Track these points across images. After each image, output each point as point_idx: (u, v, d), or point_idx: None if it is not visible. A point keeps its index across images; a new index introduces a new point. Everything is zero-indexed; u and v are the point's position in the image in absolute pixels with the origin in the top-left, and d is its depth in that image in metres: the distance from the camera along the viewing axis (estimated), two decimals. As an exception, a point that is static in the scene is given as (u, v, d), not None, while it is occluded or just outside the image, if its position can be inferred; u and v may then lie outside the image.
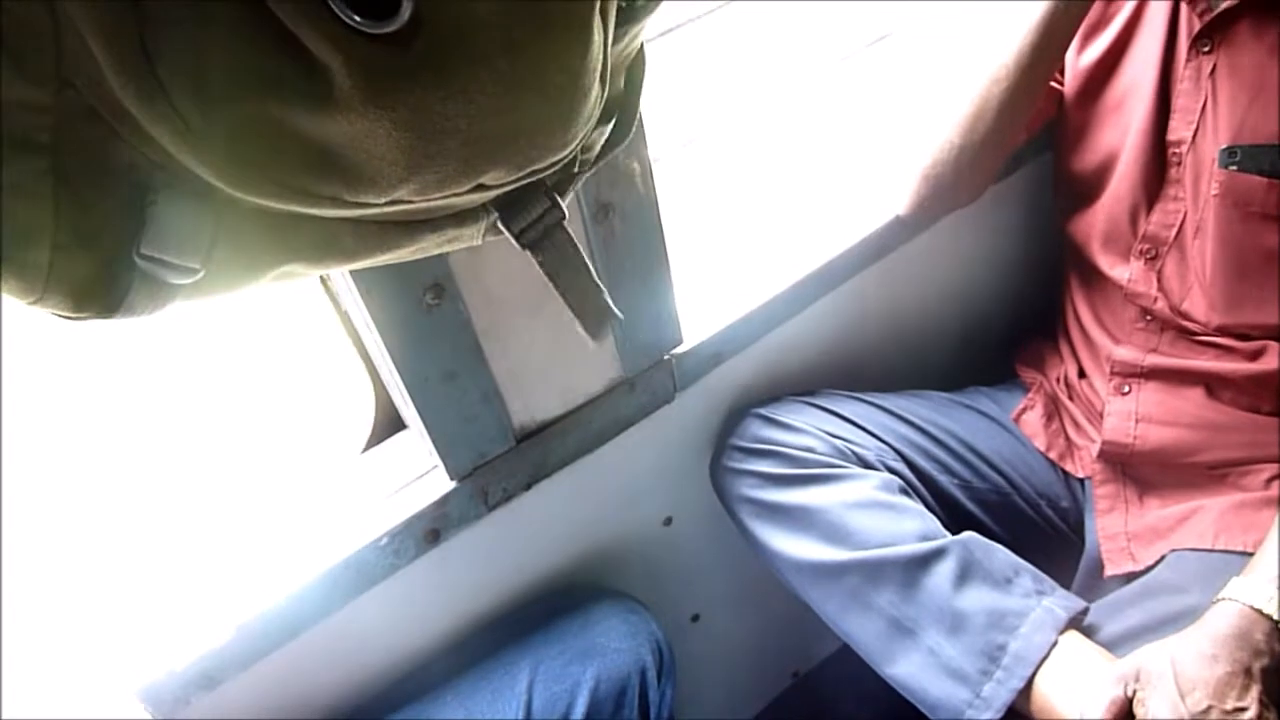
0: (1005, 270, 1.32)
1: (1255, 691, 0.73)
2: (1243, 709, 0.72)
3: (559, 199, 0.54)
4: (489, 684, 0.94)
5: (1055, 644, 0.83)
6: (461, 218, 0.50)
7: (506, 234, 0.52)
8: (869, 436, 1.04)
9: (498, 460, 0.89)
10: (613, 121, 0.54)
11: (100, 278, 0.40)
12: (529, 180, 0.47)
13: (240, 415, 0.92)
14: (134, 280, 0.41)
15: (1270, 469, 0.96)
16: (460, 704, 0.92)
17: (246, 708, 0.86)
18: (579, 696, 0.93)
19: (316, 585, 0.83)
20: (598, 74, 0.45)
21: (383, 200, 0.41)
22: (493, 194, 0.47)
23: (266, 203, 0.40)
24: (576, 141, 0.46)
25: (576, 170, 0.54)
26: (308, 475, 0.92)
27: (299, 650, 0.85)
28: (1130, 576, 0.98)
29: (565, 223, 0.54)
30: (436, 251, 0.52)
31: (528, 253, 0.54)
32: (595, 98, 0.46)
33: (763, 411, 1.05)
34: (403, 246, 0.49)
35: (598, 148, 0.55)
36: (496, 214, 0.51)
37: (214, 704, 0.81)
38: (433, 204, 0.44)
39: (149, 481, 0.88)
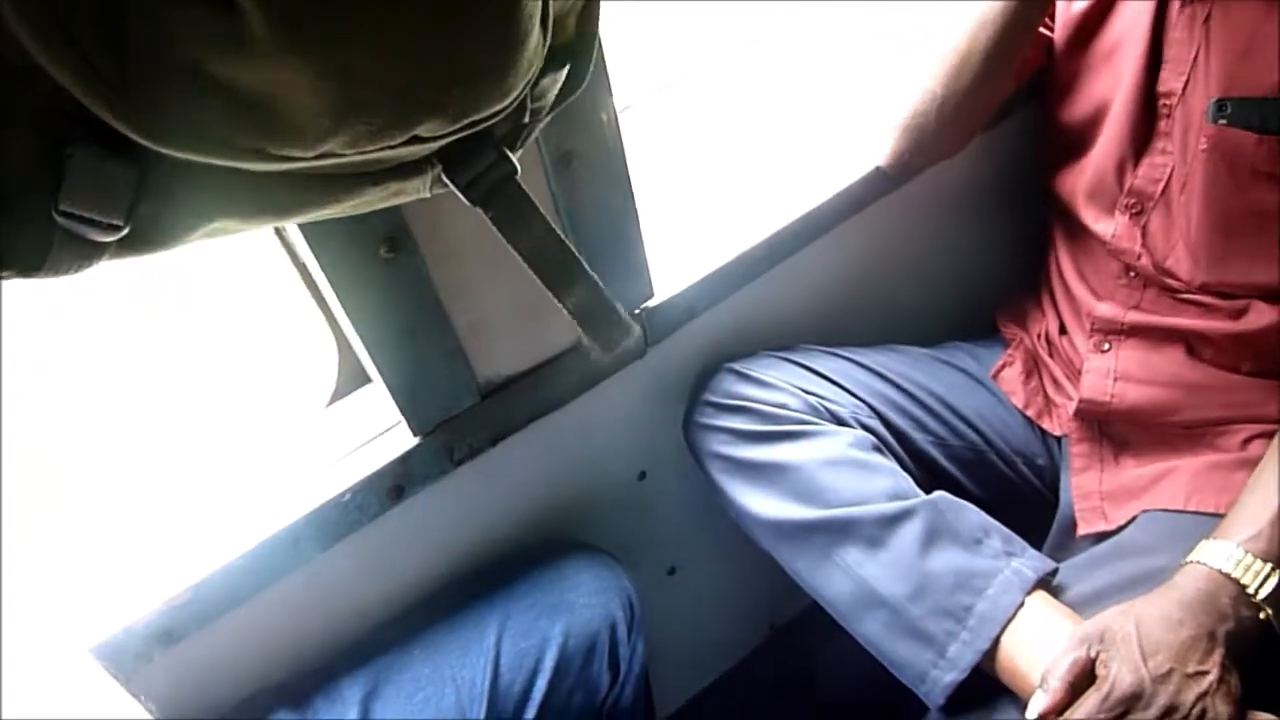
0: (988, 224, 1.29)
1: (1218, 655, 0.73)
2: (1204, 672, 0.72)
3: (509, 152, 0.51)
4: (457, 639, 0.93)
5: (1022, 605, 0.82)
6: (404, 171, 0.48)
7: (452, 188, 0.50)
8: (844, 393, 1.02)
9: (462, 416, 0.87)
10: (566, 69, 0.52)
11: (18, 236, 0.39)
12: (473, 131, 0.45)
13: (203, 369, 0.91)
14: (55, 238, 0.40)
15: (1246, 430, 0.95)
16: (428, 658, 0.92)
17: (210, 663, 0.85)
18: (547, 651, 0.93)
19: (278, 541, 0.82)
20: (536, 19, 0.42)
21: (310, 154, 0.40)
22: (432, 146, 0.44)
23: (188, 156, 0.38)
24: (516, 91, 0.44)
25: (528, 120, 0.52)
26: (270, 430, 0.91)
27: (262, 605, 0.84)
28: (1102, 536, 0.98)
29: (518, 176, 0.52)
30: (381, 205, 0.50)
31: (479, 209, 0.52)
32: (535, 45, 0.43)
33: (737, 367, 1.03)
34: (342, 201, 0.47)
35: (551, 95, 0.53)
36: (440, 167, 0.49)
37: (175, 659, 0.81)
38: (367, 157, 0.42)
39: (108, 435, 0.87)
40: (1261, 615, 0.75)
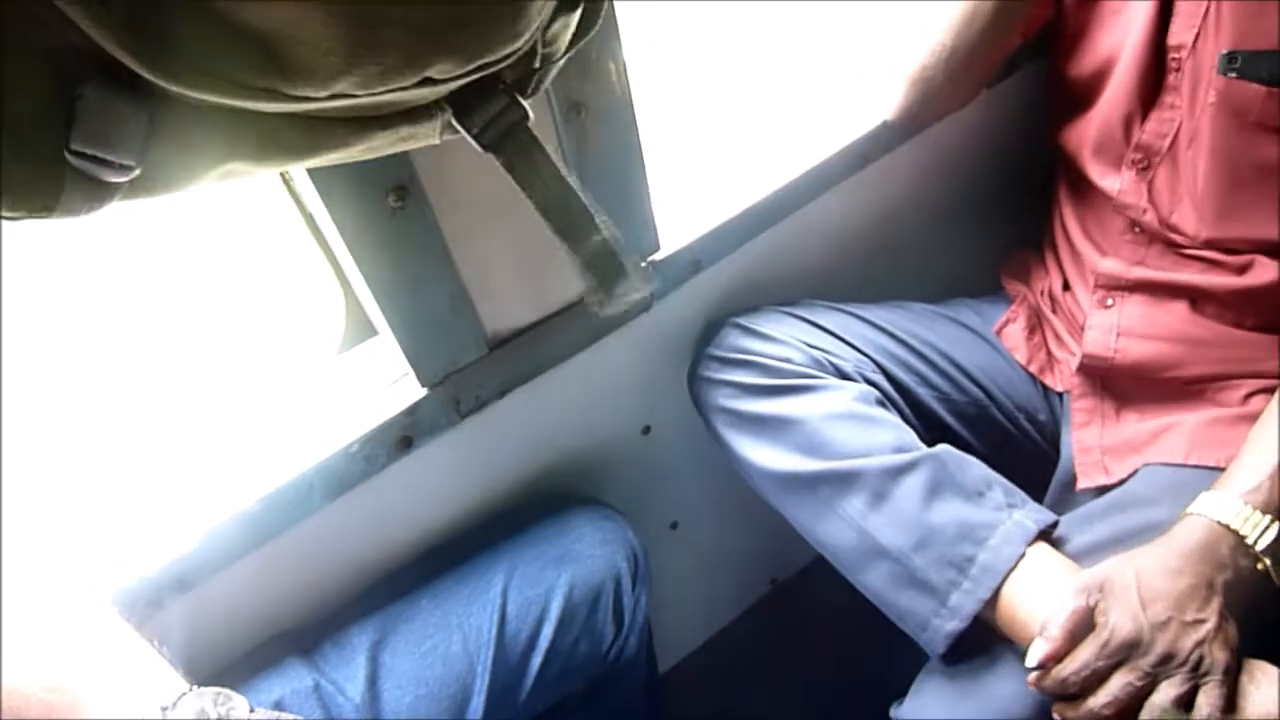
0: (994, 179, 1.29)
1: (1216, 604, 0.74)
2: (1202, 620, 0.73)
3: (520, 97, 0.51)
4: (464, 588, 0.94)
5: (1023, 556, 0.83)
6: (414, 115, 0.47)
7: (463, 133, 0.50)
8: (848, 348, 1.03)
9: (469, 368, 0.88)
10: (579, 11, 0.51)
11: (31, 175, 0.38)
12: (483, 75, 0.45)
13: (210, 319, 0.91)
14: (67, 179, 0.39)
15: (1248, 385, 0.95)
16: (436, 607, 0.93)
17: (221, 610, 0.86)
18: (553, 601, 0.94)
19: (288, 490, 0.83)
20: None
21: (323, 94, 0.39)
22: (443, 89, 0.44)
23: (200, 96, 0.38)
24: (529, 33, 0.43)
25: (539, 65, 0.52)
26: (278, 380, 0.91)
27: (273, 553, 0.85)
28: (1102, 490, 0.99)
29: (530, 123, 0.52)
30: (391, 150, 0.50)
31: (490, 155, 0.52)
32: None
33: (741, 321, 1.03)
34: (352, 145, 0.47)
35: (563, 40, 0.53)
36: (450, 111, 0.48)
37: (187, 606, 0.82)
38: (379, 99, 0.42)
39: (118, 385, 0.87)
40: (1260, 566, 0.76)
